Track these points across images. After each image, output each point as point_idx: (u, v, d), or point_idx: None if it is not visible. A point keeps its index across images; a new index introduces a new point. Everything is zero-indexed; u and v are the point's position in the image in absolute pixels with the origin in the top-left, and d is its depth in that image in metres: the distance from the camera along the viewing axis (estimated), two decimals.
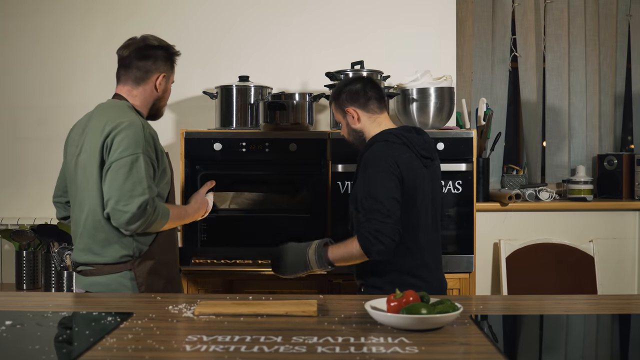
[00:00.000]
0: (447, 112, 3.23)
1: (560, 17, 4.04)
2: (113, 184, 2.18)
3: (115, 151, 2.20)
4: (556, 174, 4.05)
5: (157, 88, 2.39)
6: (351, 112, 2.48)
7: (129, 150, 2.19)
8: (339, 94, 2.53)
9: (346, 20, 3.62)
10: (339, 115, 2.54)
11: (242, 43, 3.63)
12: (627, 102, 4.19)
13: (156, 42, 2.38)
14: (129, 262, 2.27)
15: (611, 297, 2.28)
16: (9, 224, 3.55)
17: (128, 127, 2.21)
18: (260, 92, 3.30)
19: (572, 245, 3.68)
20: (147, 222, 2.19)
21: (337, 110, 2.54)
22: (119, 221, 2.18)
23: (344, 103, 2.50)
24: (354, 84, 2.50)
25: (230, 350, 1.51)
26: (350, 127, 2.50)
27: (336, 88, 2.58)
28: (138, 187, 2.17)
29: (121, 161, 2.18)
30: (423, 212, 2.41)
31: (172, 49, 2.43)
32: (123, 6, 3.64)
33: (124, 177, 2.17)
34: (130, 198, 2.15)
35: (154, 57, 2.36)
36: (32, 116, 3.65)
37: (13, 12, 3.65)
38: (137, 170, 2.18)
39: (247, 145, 3.12)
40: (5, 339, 1.63)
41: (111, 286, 2.27)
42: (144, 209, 2.17)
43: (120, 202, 2.16)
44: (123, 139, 2.20)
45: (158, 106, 2.44)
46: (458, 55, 3.86)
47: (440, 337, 1.63)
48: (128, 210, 2.15)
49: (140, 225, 2.19)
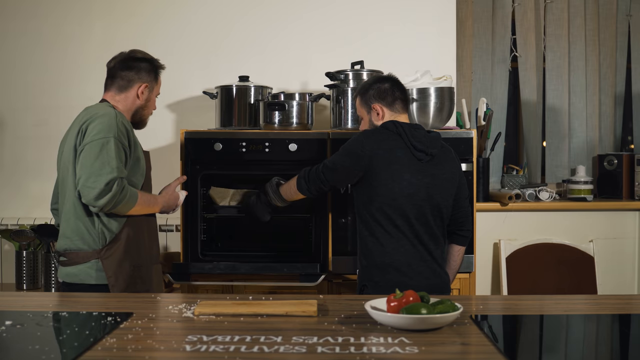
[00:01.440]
0: (447, 112, 3.23)
1: (560, 17, 4.04)
2: (84, 163, 2.33)
3: (88, 135, 2.36)
4: (556, 174, 4.05)
5: (139, 97, 2.55)
6: (377, 108, 2.62)
7: (100, 134, 2.35)
8: (366, 90, 2.65)
9: (346, 20, 3.63)
10: (362, 110, 2.67)
11: (242, 43, 3.64)
12: (627, 102, 4.19)
13: (140, 55, 2.58)
14: (95, 251, 2.40)
15: (611, 297, 2.28)
16: (9, 224, 3.55)
17: (102, 116, 2.39)
18: (260, 92, 3.30)
19: (572, 245, 3.67)
20: (115, 200, 2.32)
21: (362, 105, 2.67)
22: (87, 197, 2.32)
23: (370, 99, 2.64)
24: (382, 83, 2.63)
25: (230, 350, 1.51)
26: (372, 123, 2.64)
27: (364, 84, 2.70)
28: (107, 166, 2.32)
29: (92, 143, 2.34)
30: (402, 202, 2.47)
31: (156, 62, 2.61)
32: (122, 7, 3.64)
33: (94, 157, 2.32)
34: (99, 176, 2.31)
35: (137, 68, 2.54)
36: (32, 116, 3.65)
37: (13, 13, 3.65)
38: (107, 152, 2.34)
39: (247, 145, 3.12)
40: (5, 339, 1.63)
41: (79, 276, 2.41)
42: (112, 186, 2.31)
43: (90, 179, 2.31)
44: (96, 125, 2.37)
45: (141, 115, 2.59)
46: (458, 55, 3.86)
47: (440, 337, 1.63)
48: (95, 187, 2.30)
49: (107, 203, 2.31)
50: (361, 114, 2.70)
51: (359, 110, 2.71)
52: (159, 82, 2.64)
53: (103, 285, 2.40)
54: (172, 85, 3.57)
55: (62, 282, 2.48)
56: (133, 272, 2.44)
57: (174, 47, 3.62)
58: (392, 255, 2.45)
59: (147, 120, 2.65)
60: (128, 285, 2.42)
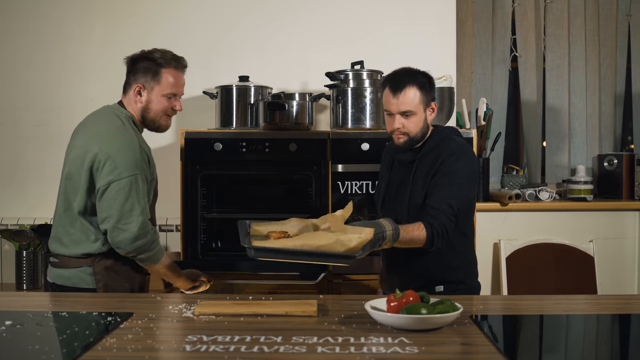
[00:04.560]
0: (447, 112, 3.23)
1: (560, 17, 4.04)
2: (113, 203, 2.27)
3: (112, 171, 2.28)
4: (556, 174, 4.05)
5: (137, 99, 2.44)
6: (434, 106, 2.39)
7: (128, 171, 2.29)
8: (431, 85, 2.39)
9: (346, 20, 3.63)
10: (420, 105, 2.33)
11: (242, 43, 3.63)
12: (627, 102, 4.19)
13: (144, 54, 2.46)
14: (89, 258, 2.36)
15: (611, 297, 2.28)
16: (9, 224, 3.55)
17: (126, 149, 2.31)
18: (260, 92, 3.30)
19: (572, 245, 3.67)
20: (147, 243, 2.31)
21: (422, 100, 2.34)
22: (118, 238, 2.28)
23: (432, 95, 2.38)
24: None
25: (230, 350, 1.51)
26: (426, 122, 2.38)
27: (425, 77, 2.38)
28: (137, 207, 2.29)
29: (121, 182, 2.28)
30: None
31: (158, 61, 2.44)
32: (123, 7, 3.64)
33: (124, 197, 2.27)
34: (130, 217, 2.27)
35: (134, 69, 2.44)
36: (32, 116, 3.65)
37: (13, 13, 3.65)
38: (137, 191, 2.30)
39: (247, 145, 3.12)
40: (5, 339, 1.63)
41: (72, 280, 2.37)
42: (147, 230, 2.29)
43: (121, 221, 2.27)
44: (122, 160, 2.29)
45: (148, 118, 2.45)
46: (458, 55, 3.86)
47: (440, 337, 1.63)
48: (128, 229, 2.27)
49: (141, 246, 2.29)
50: (416, 109, 2.33)
51: (413, 106, 2.32)
52: (164, 81, 2.43)
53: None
54: None
55: (52, 283, 2.43)
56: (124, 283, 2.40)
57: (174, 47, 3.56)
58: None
59: (162, 123, 2.47)
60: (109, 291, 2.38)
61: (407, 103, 2.32)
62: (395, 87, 2.33)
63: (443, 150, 2.36)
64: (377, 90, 3.17)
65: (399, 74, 2.37)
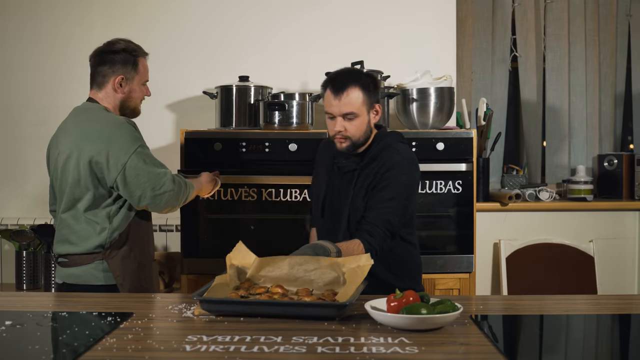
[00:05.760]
0: (447, 112, 3.23)
1: (560, 17, 4.04)
2: (139, 179, 2.33)
3: (119, 155, 2.32)
4: (556, 174, 4.05)
5: (118, 90, 2.46)
6: (378, 109, 2.29)
7: (131, 148, 2.34)
8: (375, 87, 2.28)
9: (346, 20, 3.62)
10: (363, 107, 2.24)
11: (242, 43, 3.63)
12: (627, 102, 4.19)
13: (116, 47, 2.47)
14: (100, 252, 2.38)
15: (611, 297, 2.28)
16: (9, 224, 3.54)
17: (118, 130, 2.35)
18: (260, 92, 3.30)
19: (572, 245, 3.67)
20: (185, 188, 2.42)
21: (365, 102, 2.23)
22: (162, 204, 2.36)
23: (376, 96, 2.27)
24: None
25: (230, 350, 1.51)
26: (369, 125, 2.28)
27: (368, 76, 2.28)
28: (158, 168, 2.37)
29: (130, 161, 2.33)
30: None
31: (135, 52, 2.48)
32: (123, 6, 3.64)
33: (143, 169, 2.33)
34: (159, 179, 2.35)
35: (110, 61, 2.46)
36: (32, 116, 3.65)
37: (13, 13, 3.65)
38: (147, 157, 2.37)
39: (247, 145, 3.12)
40: (5, 339, 1.63)
41: (84, 277, 2.39)
42: (176, 182, 2.39)
43: (155, 188, 2.35)
44: (121, 142, 2.34)
45: (128, 106, 2.51)
46: (458, 55, 3.86)
47: (440, 337, 1.63)
48: (166, 190, 2.35)
49: (181, 198, 2.41)
50: (359, 111, 2.23)
51: (356, 108, 2.22)
52: (142, 69, 2.49)
53: (110, 286, 2.39)
54: (172, 85, 3.58)
55: (61, 283, 2.45)
56: (138, 270, 2.43)
57: (174, 47, 3.62)
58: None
59: (138, 108, 2.55)
60: (134, 283, 2.41)
61: (349, 104, 2.22)
62: (337, 88, 2.23)
63: (385, 161, 2.28)
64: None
65: (341, 74, 2.28)
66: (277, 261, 1.97)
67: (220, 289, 1.88)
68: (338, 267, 1.94)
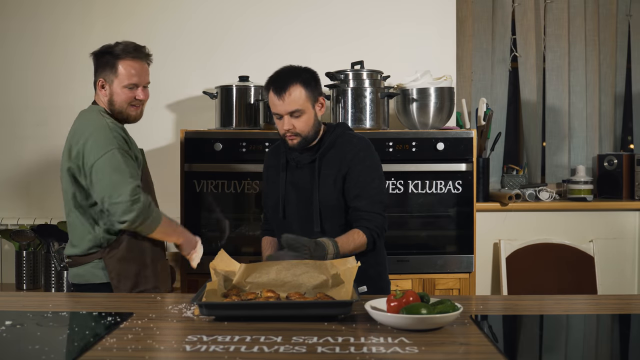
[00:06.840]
0: (447, 112, 3.23)
1: (560, 17, 4.04)
2: (100, 183, 2.30)
3: (88, 156, 2.32)
4: (556, 174, 4.05)
5: (101, 92, 2.48)
6: (322, 102, 2.34)
7: (102, 150, 2.31)
8: (316, 81, 2.32)
9: (346, 19, 3.62)
10: (307, 103, 2.27)
11: (242, 43, 3.63)
12: (627, 102, 4.19)
13: (103, 49, 2.48)
14: (98, 252, 2.39)
15: (611, 297, 2.28)
16: (9, 224, 3.54)
17: (94, 132, 2.35)
18: (260, 92, 3.30)
19: (572, 245, 3.68)
20: (144, 215, 2.30)
21: (308, 97, 2.28)
22: (116, 214, 2.29)
23: (318, 90, 2.32)
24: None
25: (230, 350, 1.51)
26: (317, 119, 2.32)
27: (307, 72, 2.33)
28: (124, 175, 2.29)
29: (98, 162, 2.30)
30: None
31: (115, 53, 2.44)
32: (123, 6, 3.64)
33: (108, 173, 2.29)
34: (120, 187, 2.27)
35: (95, 64, 2.50)
36: (32, 116, 3.65)
37: (13, 13, 3.65)
38: (117, 163, 2.30)
39: (247, 145, 3.12)
40: (5, 339, 1.63)
41: (86, 276, 2.41)
42: (139, 197, 2.28)
43: (113, 195, 2.27)
44: (93, 144, 2.33)
45: (115, 110, 2.47)
46: (458, 55, 3.86)
47: (440, 337, 1.63)
48: (121, 200, 2.27)
49: (137, 216, 2.28)
50: (304, 107, 2.26)
51: (300, 104, 2.25)
52: (122, 72, 2.42)
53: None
54: (172, 85, 3.58)
55: (72, 284, 2.48)
56: (139, 271, 2.41)
57: (174, 47, 3.62)
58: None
59: (129, 113, 2.46)
60: (133, 285, 2.39)
61: (293, 102, 2.25)
62: (279, 88, 2.26)
63: (346, 147, 2.34)
64: (377, 91, 3.17)
65: (281, 74, 2.31)
66: (263, 267, 1.98)
67: (212, 295, 1.87)
68: (326, 270, 1.95)
